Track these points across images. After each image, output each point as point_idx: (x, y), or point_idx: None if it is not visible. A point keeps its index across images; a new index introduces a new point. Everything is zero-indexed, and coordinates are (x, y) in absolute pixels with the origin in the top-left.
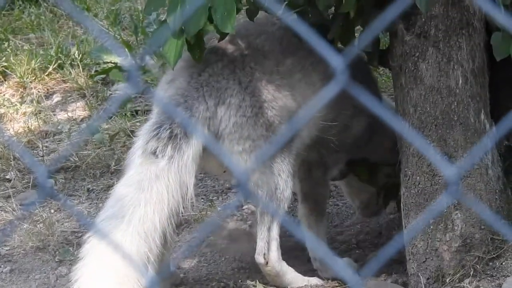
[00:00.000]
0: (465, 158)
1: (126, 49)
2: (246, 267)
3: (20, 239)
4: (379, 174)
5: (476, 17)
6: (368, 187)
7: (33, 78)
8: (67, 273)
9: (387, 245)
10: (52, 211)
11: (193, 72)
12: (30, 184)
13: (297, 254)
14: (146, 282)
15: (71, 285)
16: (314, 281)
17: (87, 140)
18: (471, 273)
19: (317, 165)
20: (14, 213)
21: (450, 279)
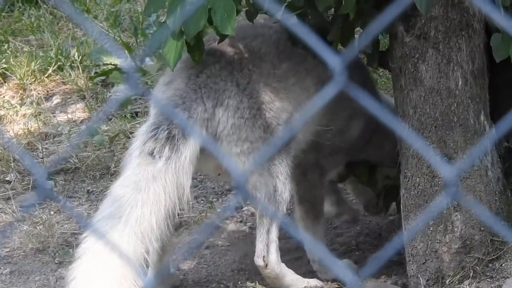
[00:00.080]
0: (463, 159)
1: (126, 51)
2: (245, 269)
3: (20, 240)
4: (378, 175)
5: (476, 19)
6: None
7: (33, 80)
8: (66, 275)
9: (386, 246)
10: (52, 212)
11: (191, 73)
12: (30, 186)
13: (297, 256)
14: (144, 283)
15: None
16: (313, 282)
17: (86, 142)
18: (471, 274)
19: (313, 168)
20: (14, 214)
21: (450, 281)
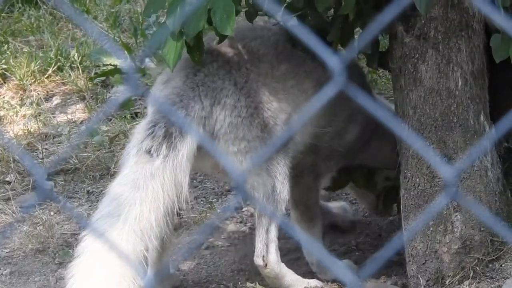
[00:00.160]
0: (463, 159)
1: (125, 51)
2: (245, 269)
3: (20, 241)
4: (378, 177)
5: (475, 19)
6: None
7: (33, 80)
8: (66, 275)
9: (386, 246)
10: (51, 213)
11: (188, 72)
12: (30, 186)
13: (297, 256)
14: (144, 283)
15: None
16: (313, 283)
17: (86, 142)
18: (471, 275)
19: (308, 170)
20: (13, 215)
21: (449, 281)
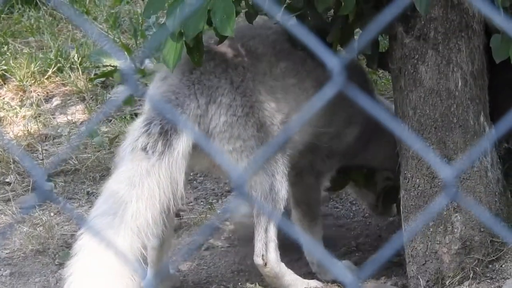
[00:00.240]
0: (463, 159)
1: (125, 52)
2: (245, 270)
3: (20, 242)
4: (378, 177)
5: (475, 20)
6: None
7: (33, 81)
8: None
9: (385, 247)
10: (52, 214)
11: (185, 69)
12: (30, 187)
13: (297, 257)
14: (143, 284)
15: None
16: (313, 284)
17: (86, 143)
18: (471, 275)
19: (309, 170)
20: (13, 216)
21: (449, 282)
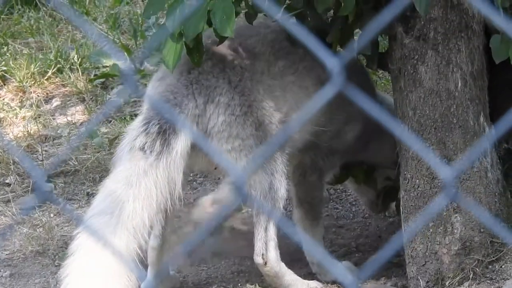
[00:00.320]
0: (462, 160)
1: (125, 53)
2: (245, 271)
3: (19, 243)
4: (379, 177)
5: (475, 20)
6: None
7: (33, 82)
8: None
9: (385, 247)
10: (51, 215)
11: (183, 69)
12: (29, 188)
13: (296, 257)
14: (143, 285)
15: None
16: (313, 284)
17: (86, 144)
18: (471, 276)
19: (312, 169)
20: (13, 217)
21: (449, 282)
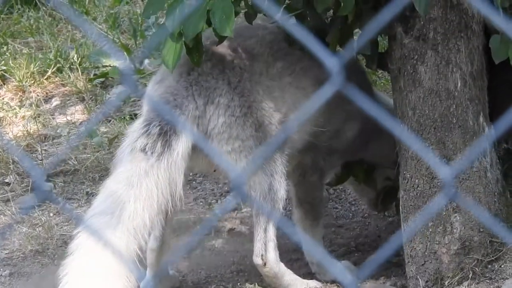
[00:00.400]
0: (461, 160)
1: (125, 52)
2: (245, 270)
3: (19, 242)
4: (378, 177)
5: (474, 20)
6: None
7: (32, 81)
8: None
9: (384, 247)
10: (51, 214)
11: (182, 71)
12: (29, 187)
13: (296, 257)
14: (142, 285)
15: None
16: (313, 284)
17: (86, 143)
18: (470, 275)
19: (312, 169)
20: (13, 216)
21: (449, 282)
